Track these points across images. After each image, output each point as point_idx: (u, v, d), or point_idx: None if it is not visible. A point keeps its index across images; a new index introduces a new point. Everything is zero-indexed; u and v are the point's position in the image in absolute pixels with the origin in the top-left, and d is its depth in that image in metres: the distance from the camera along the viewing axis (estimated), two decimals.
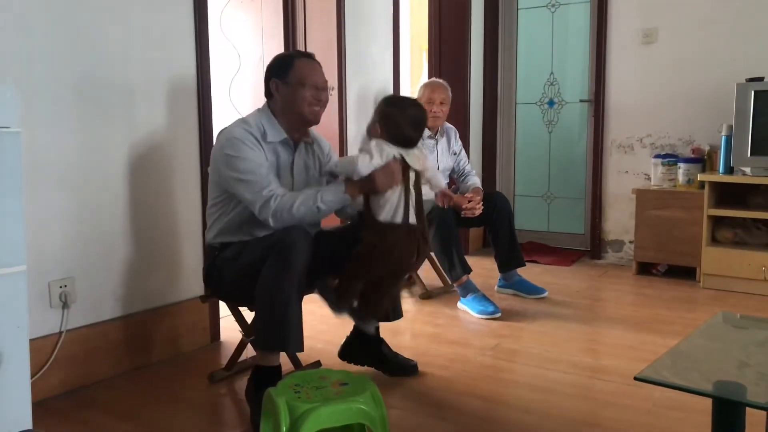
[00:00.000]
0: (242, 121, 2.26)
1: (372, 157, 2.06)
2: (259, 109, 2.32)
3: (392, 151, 2.08)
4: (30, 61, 2.14)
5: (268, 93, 2.29)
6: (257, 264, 2.04)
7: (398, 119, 2.11)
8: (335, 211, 2.28)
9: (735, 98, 3.47)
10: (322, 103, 2.28)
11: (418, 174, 2.12)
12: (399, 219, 2.08)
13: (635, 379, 1.38)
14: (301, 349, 2.08)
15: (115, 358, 2.46)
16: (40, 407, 2.13)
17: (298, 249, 1.99)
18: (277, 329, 2.02)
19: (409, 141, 2.12)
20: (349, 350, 2.46)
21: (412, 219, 2.10)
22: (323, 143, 2.47)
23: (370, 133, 2.17)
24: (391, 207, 2.08)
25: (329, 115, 3.32)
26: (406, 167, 2.08)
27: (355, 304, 2.11)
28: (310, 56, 2.32)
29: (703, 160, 3.88)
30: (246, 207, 2.17)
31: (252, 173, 2.13)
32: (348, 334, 2.48)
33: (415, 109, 2.19)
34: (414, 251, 2.12)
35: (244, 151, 2.15)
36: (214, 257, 2.29)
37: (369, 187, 2.10)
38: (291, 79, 2.23)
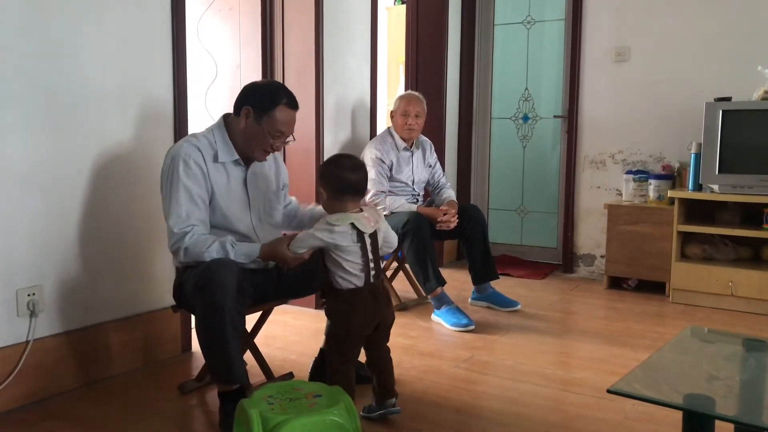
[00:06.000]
0: (193, 137, 2.22)
1: (331, 230, 2.04)
2: (215, 125, 2.27)
3: (344, 225, 2.04)
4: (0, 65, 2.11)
5: (237, 111, 2.23)
6: (192, 297, 2.03)
7: (336, 171, 2.11)
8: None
9: (704, 117, 3.55)
10: (276, 150, 2.27)
11: (374, 234, 2.10)
12: (360, 283, 2.07)
13: (608, 391, 1.40)
14: (246, 381, 2.09)
15: (84, 368, 2.41)
16: (4, 419, 2.09)
17: (220, 283, 1.94)
18: (221, 365, 2.03)
19: (354, 186, 2.10)
20: (319, 371, 2.43)
21: (374, 279, 2.10)
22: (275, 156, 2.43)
23: (322, 202, 2.19)
24: (353, 270, 2.06)
25: (306, 125, 3.32)
26: (360, 232, 2.05)
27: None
28: (293, 105, 2.23)
29: (673, 176, 3.96)
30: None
31: (177, 201, 2.10)
32: (317, 354, 2.47)
33: (348, 158, 2.18)
34: (385, 304, 2.12)
35: (185, 173, 2.11)
36: (182, 274, 2.22)
37: (277, 256, 2.11)
38: (264, 120, 2.17)
